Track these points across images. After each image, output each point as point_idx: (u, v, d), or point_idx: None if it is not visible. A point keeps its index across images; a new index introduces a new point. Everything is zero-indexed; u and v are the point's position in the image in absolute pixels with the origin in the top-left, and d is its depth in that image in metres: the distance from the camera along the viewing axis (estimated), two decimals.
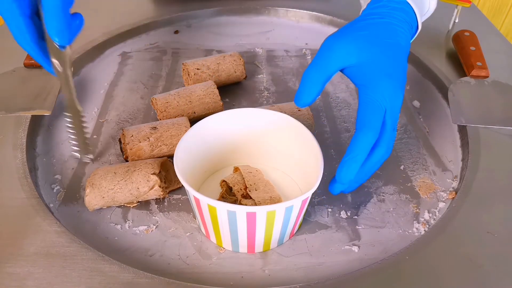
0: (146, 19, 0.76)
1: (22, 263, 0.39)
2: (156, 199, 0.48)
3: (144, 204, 0.47)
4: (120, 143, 0.51)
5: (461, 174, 0.50)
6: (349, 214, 0.46)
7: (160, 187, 0.45)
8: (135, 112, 0.60)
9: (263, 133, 0.48)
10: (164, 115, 0.54)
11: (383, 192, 0.49)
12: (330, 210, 0.47)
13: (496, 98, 0.58)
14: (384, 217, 0.46)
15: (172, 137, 0.50)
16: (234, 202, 0.44)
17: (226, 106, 0.60)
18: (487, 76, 0.61)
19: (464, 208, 0.45)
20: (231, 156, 0.50)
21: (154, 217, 0.46)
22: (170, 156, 0.50)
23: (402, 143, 0.55)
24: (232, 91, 0.64)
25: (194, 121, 0.49)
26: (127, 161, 0.50)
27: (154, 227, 0.45)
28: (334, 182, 0.43)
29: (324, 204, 0.47)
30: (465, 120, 0.55)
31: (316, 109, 0.60)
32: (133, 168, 0.46)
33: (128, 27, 0.74)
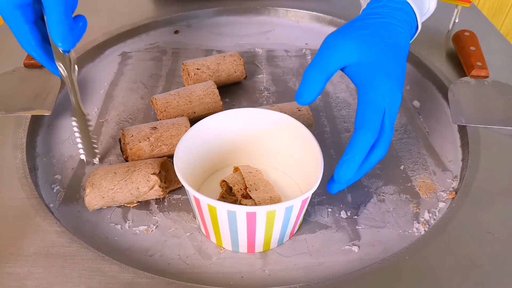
0: (146, 19, 0.76)
1: (22, 263, 0.39)
2: (156, 199, 0.48)
3: (144, 204, 0.47)
4: (120, 143, 0.51)
5: (461, 174, 0.50)
6: (349, 214, 0.46)
7: (160, 187, 0.45)
8: (135, 112, 0.60)
9: (263, 133, 0.48)
10: (164, 115, 0.54)
11: (383, 192, 0.49)
12: (330, 210, 0.47)
13: (496, 98, 0.58)
14: (384, 217, 0.46)
15: (172, 137, 0.50)
16: (234, 202, 0.44)
17: (226, 106, 0.60)
18: (487, 76, 0.61)
19: (464, 208, 0.45)
20: (231, 156, 0.50)
21: (154, 217, 0.46)
22: (170, 156, 0.50)
23: (402, 143, 0.55)
24: (232, 91, 0.64)
25: (194, 121, 0.49)
26: (127, 161, 0.50)
27: (154, 227, 0.45)
28: (332, 182, 0.43)
29: (324, 204, 0.47)
30: (465, 120, 0.55)
31: (316, 109, 0.60)
32: (133, 168, 0.46)
33: (128, 27, 0.74)
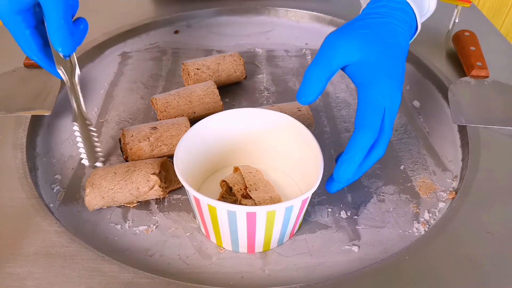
0: (146, 19, 0.76)
1: (22, 263, 0.39)
2: (156, 199, 0.48)
3: (144, 204, 0.47)
4: (120, 143, 0.51)
5: (461, 174, 0.50)
6: (349, 214, 0.46)
7: (160, 187, 0.45)
8: (135, 112, 0.60)
9: (263, 133, 0.48)
10: (164, 115, 0.54)
11: (383, 192, 0.49)
12: (330, 210, 0.47)
13: (496, 98, 0.58)
14: (384, 217, 0.46)
15: (172, 137, 0.50)
16: (234, 202, 0.44)
17: (226, 106, 0.60)
18: (487, 76, 0.61)
19: (464, 208, 0.45)
20: (231, 156, 0.50)
21: (154, 217, 0.46)
22: (170, 156, 0.50)
23: (402, 143, 0.55)
24: (232, 91, 0.64)
25: (194, 121, 0.49)
26: (127, 161, 0.50)
27: (154, 227, 0.45)
28: (331, 181, 0.42)
29: (324, 204, 0.47)
30: (465, 120, 0.55)
31: (316, 109, 0.60)
32: (133, 168, 0.46)
33: (128, 27, 0.74)
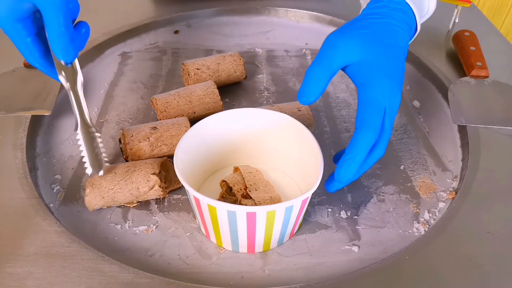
0: (146, 19, 0.76)
1: (22, 263, 0.39)
2: (156, 199, 0.48)
3: (144, 204, 0.47)
4: (120, 143, 0.51)
5: (461, 174, 0.50)
6: (349, 214, 0.46)
7: (160, 187, 0.45)
8: (135, 112, 0.60)
9: (263, 133, 0.48)
10: (164, 115, 0.54)
11: (383, 192, 0.49)
12: (330, 210, 0.47)
13: (496, 98, 0.58)
14: (384, 217, 0.46)
15: (172, 137, 0.50)
16: (234, 202, 0.44)
17: (226, 106, 0.60)
18: (487, 76, 0.61)
19: (464, 208, 0.45)
20: (231, 156, 0.50)
21: (154, 217, 0.46)
22: (170, 156, 0.50)
23: (402, 143, 0.55)
24: (232, 91, 0.63)
25: (194, 121, 0.49)
26: (127, 161, 0.50)
27: (154, 227, 0.45)
28: (331, 181, 0.42)
29: (324, 204, 0.47)
30: (465, 120, 0.55)
31: (316, 109, 0.60)
32: (133, 168, 0.46)
33: (128, 27, 0.74)
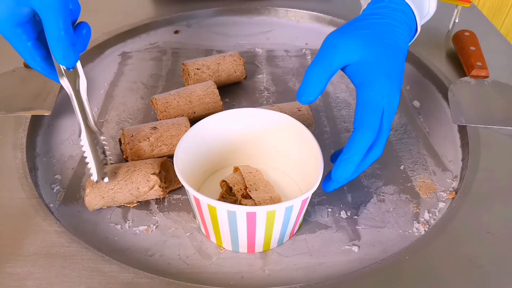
0: (146, 19, 0.76)
1: (22, 263, 0.39)
2: (156, 199, 0.48)
3: (144, 204, 0.47)
4: (120, 143, 0.51)
5: (461, 174, 0.50)
6: (349, 214, 0.46)
7: (160, 187, 0.45)
8: (135, 112, 0.60)
9: (263, 133, 0.48)
10: (164, 115, 0.54)
11: (383, 192, 0.49)
12: (330, 210, 0.47)
13: (496, 98, 0.58)
14: (384, 217, 0.46)
15: (172, 137, 0.50)
16: (234, 202, 0.44)
17: (226, 106, 0.60)
18: (487, 76, 0.61)
19: (464, 208, 0.45)
20: (231, 156, 0.50)
21: (154, 217, 0.46)
22: (170, 156, 0.50)
23: (402, 143, 0.55)
24: (232, 91, 0.63)
25: (194, 121, 0.49)
26: (127, 161, 0.50)
27: (154, 227, 0.45)
28: (328, 180, 0.42)
29: (324, 204, 0.47)
30: (465, 120, 0.55)
31: (316, 109, 0.60)
32: (133, 168, 0.46)
33: (128, 27, 0.74)
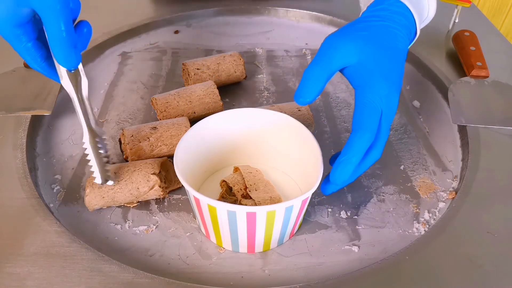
0: (146, 19, 0.76)
1: (22, 263, 0.39)
2: (156, 199, 0.48)
3: (144, 204, 0.47)
4: (120, 143, 0.51)
5: (461, 174, 0.50)
6: (349, 214, 0.46)
7: (160, 187, 0.45)
8: (135, 112, 0.60)
9: (263, 133, 0.48)
10: (164, 115, 0.54)
11: (383, 192, 0.49)
12: (330, 210, 0.47)
13: (496, 98, 0.58)
14: (384, 217, 0.46)
15: (172, 137, 0.50)
16: (234, 202, 0.44)
17: (226, 106, 0.60)
18: (487, 76, 0.61)
19: (464, 208, 0.45)
20: (231, 156, 0.50)
21: (154, 217, 0.46)
22: (170, 156, 0.50)
23: (402, 143, 0.55)
24: (232, 91, 0.63)
25: (194, 121, 0.49)
26: (127, 161, 0.50)
27: (154, 227, 0.45)
28: (326, 183, 0.42)
29: (324, 204, 0.47)
30: (465, 120, 0.55)
31: (316, 109, 0.60)
32: (133, 168, 0.46)
33: (128, 27, 0.74)
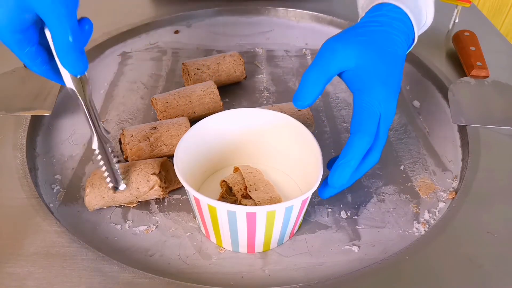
0: (146, 19, 0.76)
1: (22, 263, 0.39)
2: (156, 199, 0.48)
3: (144, 204, 0.47)
4: (120, 143, 0.51)
5: (461, 174, 0.50)
6: (349, 214, 0.46)
7: (160, 187, 0.45)
8: (135, 112, 0.60)
9: (263, 133, 0.48)
10: (164, 115, 0.54)
11: (383, 192, 0.49)
12: (330, 210, 0.47)
13: (496, 98, 0.58)
14: (384, 217, 0.46)
15: (172, 137, 0.50)
16: (234, 202, 0.44)
17: (226, 106, 0.60)
18: (487, 76, 0.61)
19: (464, 208, 0.45)
20: (231, 156, 0.50)
21: (154, 217, 0.46)
22: (170, 156, 0.50)
23: (402, 143, 0.55)
24: (232, 91, 0.64)
25: (194, 121, 0.49)
26: (127, 161, 0.50)
27: (154, 227, 0.45)
28: (324, 186, 0.42)
29: (324, 204, 0.47)
30: (465, 120, 0.55)
31: (316, 109, 0.60)
32: (133, 168, 0.46)
33: (128, 27, 0.74)
